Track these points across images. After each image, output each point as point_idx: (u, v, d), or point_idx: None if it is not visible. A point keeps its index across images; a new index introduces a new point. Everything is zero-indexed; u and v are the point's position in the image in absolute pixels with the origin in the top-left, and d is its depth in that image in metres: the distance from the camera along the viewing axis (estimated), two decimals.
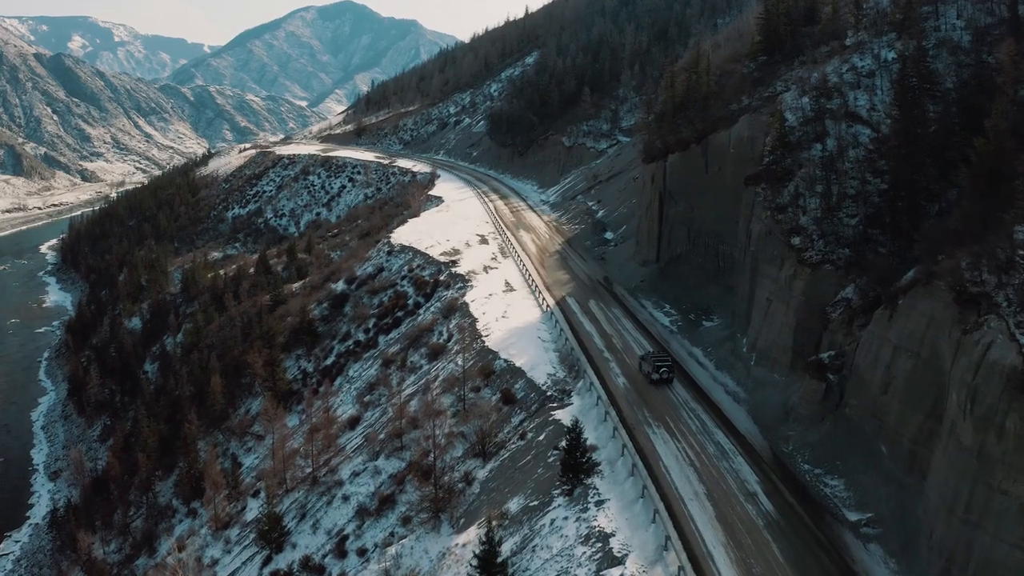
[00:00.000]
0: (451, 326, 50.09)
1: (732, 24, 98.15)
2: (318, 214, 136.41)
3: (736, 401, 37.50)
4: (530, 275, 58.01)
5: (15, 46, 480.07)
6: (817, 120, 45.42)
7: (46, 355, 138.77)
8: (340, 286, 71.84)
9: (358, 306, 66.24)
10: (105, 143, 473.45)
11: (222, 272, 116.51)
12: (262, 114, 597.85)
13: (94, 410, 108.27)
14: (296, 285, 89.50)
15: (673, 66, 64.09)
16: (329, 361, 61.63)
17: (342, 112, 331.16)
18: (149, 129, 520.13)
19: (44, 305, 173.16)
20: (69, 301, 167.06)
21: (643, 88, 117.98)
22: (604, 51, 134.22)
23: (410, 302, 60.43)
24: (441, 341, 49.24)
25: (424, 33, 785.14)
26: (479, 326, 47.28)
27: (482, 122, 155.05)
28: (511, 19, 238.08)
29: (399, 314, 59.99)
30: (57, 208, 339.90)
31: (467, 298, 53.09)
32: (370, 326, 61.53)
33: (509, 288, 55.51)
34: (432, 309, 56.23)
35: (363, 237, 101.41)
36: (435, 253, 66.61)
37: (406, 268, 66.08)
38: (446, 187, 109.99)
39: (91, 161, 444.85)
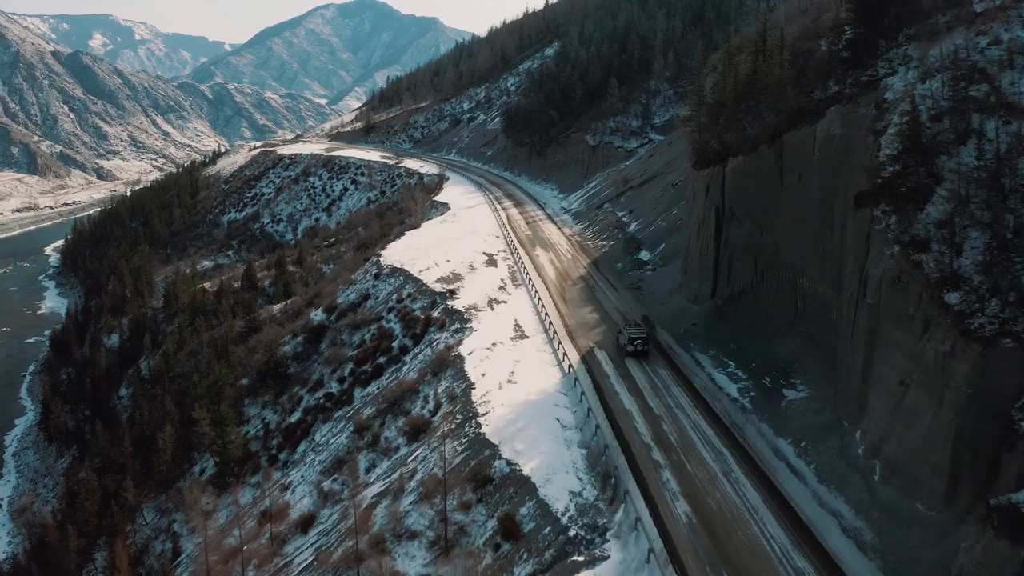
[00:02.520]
0: (439, 390, 37.28)
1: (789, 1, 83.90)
2: (317, 219, 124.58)
3: (861, 548, 24.18)
4: (547, 313, 45.01)
5: (32, 44, 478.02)
6: (957, 113, 31.83)
7: (31, 369, 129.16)
8: (318, 316, 59.50)
9: (335, 343, 53.83)
10: (122, 141, 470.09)
11: (207, 285, 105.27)
12: (281, 112, 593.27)
13: (65, 439, 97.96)
14: (277, 307, 77.49)
15: (728, 44, 50.54)
16: (294, 417, 49.24)
17: (356, 109, 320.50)
18: (167, 127, 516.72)
19: (39, 312, 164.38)
20: (65, 308, 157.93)
21: (678, 79, 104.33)
22: (632, 39, 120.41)
23: (395, 345, 47.80)
24: (425, 413, 36.48)
25: (444, 30, 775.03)
26: (475, 396, 34.40)
27: (497, 119, 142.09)
28: (530, 11, 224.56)
29: (381, 360, 47.40)
30: (69, 207, 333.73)
31: (464, 348, 40.26)
32: (346, 374, 49.03)
33: (519, 333, 42.55)
34: (420, 358, 43.50)
35: (360, 249, 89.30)
36: (430, 279, 53.89)
37: (394, 298, 53.46)
38: (454, 192, 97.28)
39: (107, 159, 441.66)
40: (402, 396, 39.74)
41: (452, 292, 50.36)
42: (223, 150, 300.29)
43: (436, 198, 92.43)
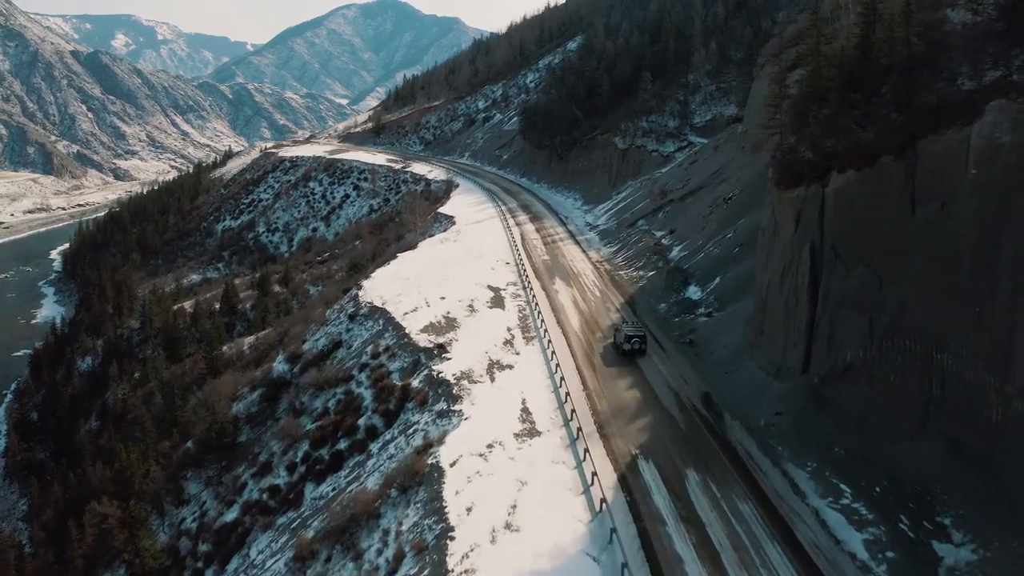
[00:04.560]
0: (404, 528, 24.74)
1: None
2: (314, 230, 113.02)
3: None
4: (568, 392, 32.20)
5: (52, 43, 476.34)
6: None
7: (14, 387, 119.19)
8: (280, 366, 47.40)
9: (294, 407, 41.68)
10: (140, 141, 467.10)
11: (187, 305, 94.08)
12: (301, 112, 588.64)
13: (27, 477, 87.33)
14: (248, 340, 65.82)
15: (816, 16, 37.04)
16: (231, 516, 37.11)
17: (372, 108, 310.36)
18: (186, 127, 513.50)
19: (33, 321, 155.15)
20: (60, 317, 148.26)
21: (720, 74, 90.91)
22: (666, 28, 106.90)
23: (361, 423, 35.45)
24: (380, 565, 23.92)
25: (466, 30, 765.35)
26: (452, 557, 21.74)
27: (515, 119, 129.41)
28: (552, 5, 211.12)
29: (341, 445, 35.08)
30: (81, 208, 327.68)
31: (446, 452, 27.64)
32: (298, 458, 36.78)
33: (528, 426, 29.81)
34: (391, 451, 31.07)
35: (352, 270, 77.40)
36: (416, 326, 41.42)
37: (369, 351, 41.08)
38: (462, 202, 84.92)
39: (125, 159, 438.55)
40: (357, 519, 27.28)
41: (442, 348, 37.82)
42: (235, 150, 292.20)
43: (441, 210, 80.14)
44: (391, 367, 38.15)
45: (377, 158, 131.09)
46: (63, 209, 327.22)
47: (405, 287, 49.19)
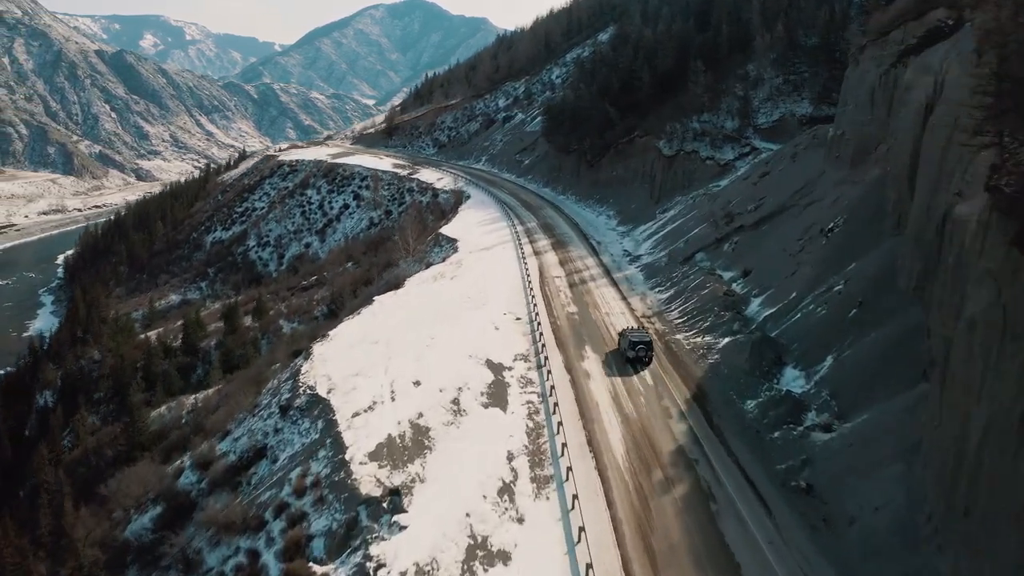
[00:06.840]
0: None
1: None
2: (307, 245, 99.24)
3: None
4: None
5: (76, 43, 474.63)
6: None
7: None
8: (187, 476, 32.89)
9: (185, 558, 27.06)
10: (164, 141, 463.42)
11: (152, 336, 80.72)
12: (326, 112, 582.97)
13: None
14: (190, 401, 51.64)
15: None
16: None
17: (393, 107, 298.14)
18: (211, 127, 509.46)
19: (24, 334, 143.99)
20: (42, 334, 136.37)
21: (789, 63, 74.57)
22: (717, 11, 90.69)
23: None
24: None
25: (494, 31, 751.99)
26: None
27: (538, 118, 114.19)
28: None
29: None
30: (98, 210, 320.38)
31: None
32: None
33: None
34: None
35: (332, 304, 63.09)
36: (367, 444, 26.40)
37: (293, 480, 26.23)
38: (471, 219, 69.99)
39: (148, 160, 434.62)
40: None
41: (396, 500, 22.78)
42: (251, 151, 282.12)
43: (443, 230, 65.31)
44: (314, 526, 23.20)
45: (383, 163, 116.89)
46: (79, 211, 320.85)
47: (368, 360, 34.26)
